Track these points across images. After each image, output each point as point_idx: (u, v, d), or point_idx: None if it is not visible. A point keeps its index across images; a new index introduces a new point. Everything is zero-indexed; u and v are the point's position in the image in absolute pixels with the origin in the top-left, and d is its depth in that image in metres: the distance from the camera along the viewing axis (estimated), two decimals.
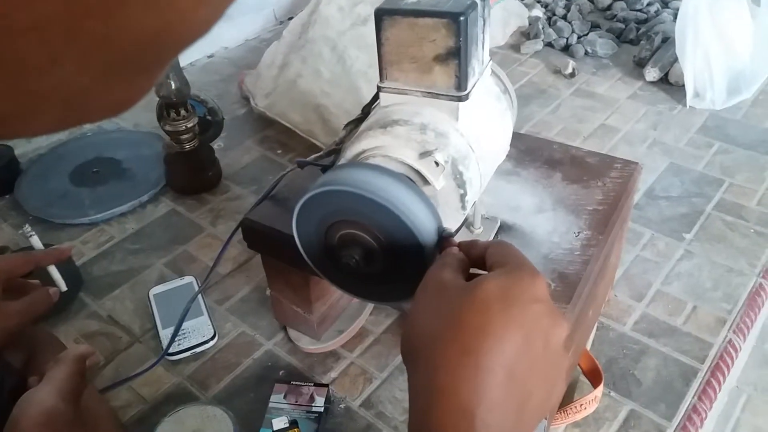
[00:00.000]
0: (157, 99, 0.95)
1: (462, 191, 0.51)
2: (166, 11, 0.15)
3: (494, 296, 0.36)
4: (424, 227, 0.46)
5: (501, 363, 0.35)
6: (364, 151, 0.52)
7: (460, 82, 0.50)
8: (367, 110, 0.60)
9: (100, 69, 0.16)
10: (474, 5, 0.48)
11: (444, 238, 0.45)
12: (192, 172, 1.01)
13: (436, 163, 0.49)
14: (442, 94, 0.51)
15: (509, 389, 0.35)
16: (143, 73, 0.17)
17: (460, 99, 0.50)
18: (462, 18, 0.46)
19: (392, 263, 0.48)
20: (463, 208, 0.52)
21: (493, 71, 0.58)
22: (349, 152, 0.53)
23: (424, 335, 0.37)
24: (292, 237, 0.53)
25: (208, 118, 1.07)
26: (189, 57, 1.39)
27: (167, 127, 0.95)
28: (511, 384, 0.35)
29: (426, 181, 0.50)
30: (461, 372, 0.34)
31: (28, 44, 0.14)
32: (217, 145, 1.12)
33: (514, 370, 0.35)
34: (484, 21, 0.51)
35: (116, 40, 0.15)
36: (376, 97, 0.57)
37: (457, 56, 0.48)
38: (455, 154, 0.51)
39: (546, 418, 0.57)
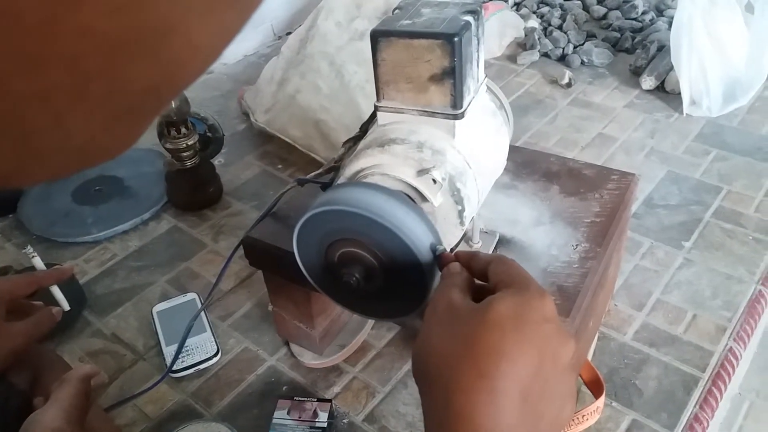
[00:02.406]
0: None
1: (460, 207, 0.52)
2: (168, 64, 0.16)
3: (507, 318, 0.36)
4: (423, 245, 0.46)
5: (516, 386, 0.35)
6: (362, 170, 0.53)
7: (456, 100, 0.50)
8: (365, 128, 0.61)
9: (102, 123, 0.16)
10: (468, 25, 0.49)
11: (440, 255, 0.46)
12: (193, 189, 1.02)
13: (434, 181, 0.50)
14: (439, 113, 0.51)
15: (523, 411, 0.35)
16: (142, 118, 0.18)
17: (456, 117, 0.51)
18: (456, 39, 0.47)
19: (392, 281, 0.49)
20: (462, 223, 0.53)
21: (488, 88, 0.59)
22: (348, 170, 0.54)
23: (437, 358, 0.37)
24: (293, 254, 0.54)
25: (209, 134, 1.08)
26: None
27: (168, 145, 0.96)
28: (525, 406, 0.35)
29: (424, 199, 0.50)
30: (477, 396, 0.35)
31: (31, 109, 0.15)
32: (217, 161, 1.12)
33: (528, 392, 0.35)
34: (478, 40, 0.52)
35: (120, 96, 0.16)
36: (373, 116, 0.58)
37: (452, 76, 0.49)
38: (452, 171, 0.51)
39: None
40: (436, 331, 0.39)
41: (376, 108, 0.54)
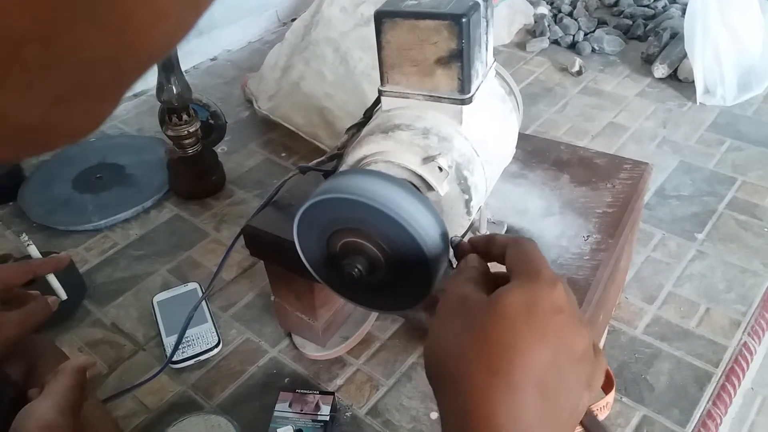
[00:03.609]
0: (159, 104, 0.94)
1: (467, 196, 0.50)
2: (121, 31, 0.14)
3: (517, 310, 0.34)
4: (428, 235, 0.44)
5: (532, 380, 0.33)
6: (365, 157, 0.51)
7: (463, 84, 0.48)
8: (369, 114, 0.59)
9: (49, 98, 0.14)
10: (476, 6, 0.46)
11: (458, 246, 0.44)
12: (195, 177, 1.00)
13: (440, 169, 0.48)
14: (445, 98, 0.49)
15: (543, 406, 0.33)
16: (101, 97, 0.16)
17: (463, 102, 0.49)
18: (464, 19, 0.45)
19: (396, 272, 0.47)
20: (469, 213, 0.51)
21: (497, 72, 0.57)
22: (351, 158, 0.52)
23: (449, 355, 0.36)
24: (295, 244, 0.52)
25: (211, 122, 1.06)
26: (192, 60, 1.39)
27: (169, 132, 0.94)
28: (544, 400, 0.33)
29: (430, 187, 0.48)
30: (492, 393, 0.33)
31: None
32: (220, 149, 1.11)
33: (545, 386, 0.33)
34: (487, 22, 0.49)
35: (64, 66, 0.14)
36: (378, 101, 0.56)
37: (459, 59, 0.47)
38: (459, 159, 0.49)
39: None
40: (447, 329, 0.37)
41: (380, 92, 0.52)
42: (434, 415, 0.67)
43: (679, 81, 1.22)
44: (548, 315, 0.34)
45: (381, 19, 0.48)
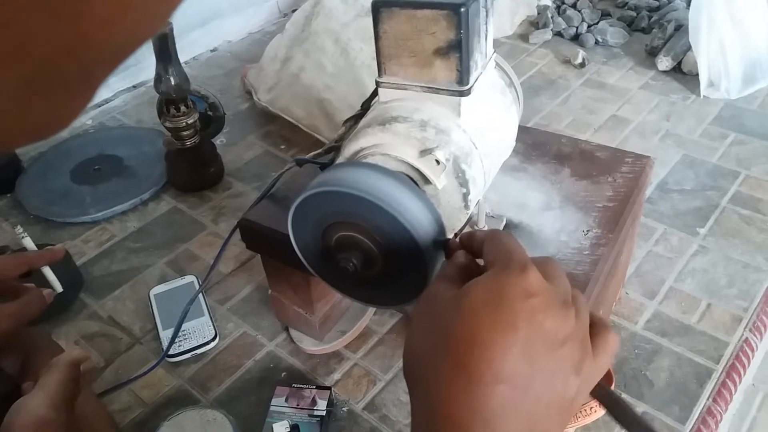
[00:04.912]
0: (158, 95, 0.93)
1: (465, 190, 0.49)
2: (78, 24, 0.13)
3: (481, 302, 0.33)
4: (424, 229, 0.43)
5: (494, 372, 0.32)
6: (362, 149, 0.50)
7: (462, 76, 0.47)
8: (366, 106, 0.58)
9: (9, 92, 0.14)
10: None
11: (446, 244, 0.43)
12: (193, 169, 0.99)
13: (437, 162, 0.47)
14: (443, 89, 0.48)
15: (511, 397, 0.32)
16: (66, 93, 0.15)
17: (461, 94, 0.48)
18: (463, 9, 0.44)
19: (391, 266, 0.46)
20: (466, 207, 0.50)
21: (497, 64, 0.56)
22: (348, 150, 0.51)
23: (418, 353, 0.35)
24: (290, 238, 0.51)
25: (209, 113, 1.05)
26: (192, 51, 1.38)
27: (167, 124, 0.94)
28: (513, 391, 0.32)
29: (427, 180, 0.48)
30: (454, 389, 0.32)
31: None
32: (219, 141, 1.10)
33: (513, 376, 0.32)
34: (486, 12, 0.48)
35: (16, 61, 0.13)
36: (375, 92, 0.55)
37: (458, 49, 0.46)
38: (457, 152, 0.49)
39: None
40: (418, 328, 0.36)
41: (378, 84, 0.51)
42: None
43: (683, 74, 1.21)
44: (517, 301, 0.33)
45: (378, 8, 0.47)
